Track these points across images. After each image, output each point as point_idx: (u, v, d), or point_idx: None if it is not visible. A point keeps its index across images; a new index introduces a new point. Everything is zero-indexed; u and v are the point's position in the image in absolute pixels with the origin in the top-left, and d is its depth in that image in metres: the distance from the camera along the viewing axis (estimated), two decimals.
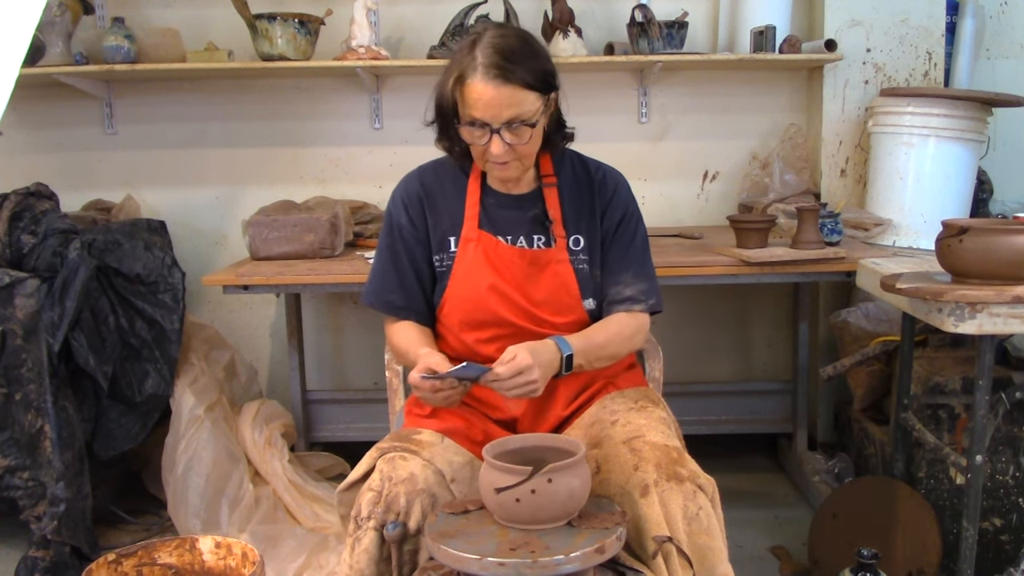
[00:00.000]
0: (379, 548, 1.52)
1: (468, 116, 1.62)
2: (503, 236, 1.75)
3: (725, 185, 3.33)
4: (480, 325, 1.74)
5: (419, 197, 1.78)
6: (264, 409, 2.92)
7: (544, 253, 1.75)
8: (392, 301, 1.79)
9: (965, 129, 2.73)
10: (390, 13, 3.22)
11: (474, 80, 1.59)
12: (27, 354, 2.43)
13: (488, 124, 1.61)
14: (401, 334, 1.77)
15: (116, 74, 3.01)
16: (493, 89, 1.58)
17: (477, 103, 1.59)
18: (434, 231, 1.77)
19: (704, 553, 1.51)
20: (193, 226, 3.31)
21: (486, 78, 1.58)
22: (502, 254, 1.74)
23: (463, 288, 1.74)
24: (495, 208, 1.77)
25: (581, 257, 1.77)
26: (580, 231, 1.77)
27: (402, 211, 1.78)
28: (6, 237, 2.56)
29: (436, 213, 1.78)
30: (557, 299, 1.74)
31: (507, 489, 1.38)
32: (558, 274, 1.74)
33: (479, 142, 1.64)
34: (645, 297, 1.76)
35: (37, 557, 2.42)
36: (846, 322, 2.81)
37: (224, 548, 1.69)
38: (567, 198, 1.78)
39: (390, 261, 1.79)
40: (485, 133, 1.62)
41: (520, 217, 1.76)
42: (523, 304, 1.73)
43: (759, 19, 3.01)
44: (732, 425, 3.30)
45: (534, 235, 1.76)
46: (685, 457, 1.59)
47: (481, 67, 1.58)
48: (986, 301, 1.78)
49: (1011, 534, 2.33)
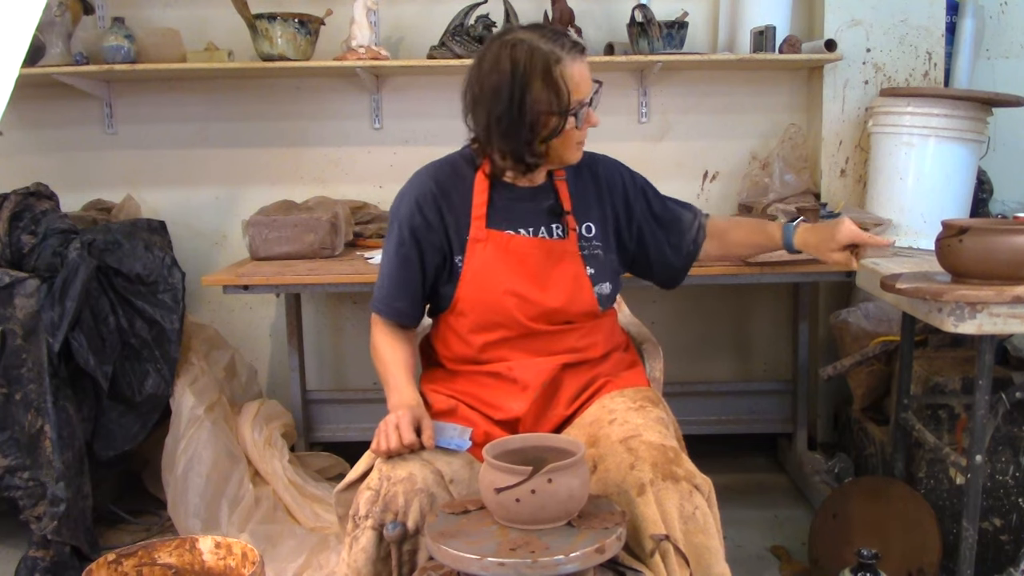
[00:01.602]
0: (377, 547, 1.52)
1: (578, 100, 1.66)
2: (523, 228, 1.76)
3: (725, 185, 3.33)
4: (493, 327, 1.74)
5: (434, 196, 1.76)
6: (264, 409, 2.92)
7: (559, 244, 1.77)
8: (401, 308, 1.79)
9: (965, 129, 2.73)
10: (390, 13, 3.22)
11: (568, 64, 1.63)
12: (27, 354, 2.43)
13: (586, 100, 1.67)
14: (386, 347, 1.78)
15: (116, 74, 3.01)
16: (582, 64, 1.66)
17: (581, 83, 1.65)
18: (453, 230, 1.76)
19: (701, 552, 1.51)
20: (193, 226, 3.31)
21: (574, 56, 1.64)
22: (517, 248, 1.74)
23: (476, 291, 1.74)
24: (511, 202, 1.77)
25: (595, 244, 1.80)
26: (591, 219, 1.82)
27: (416, 212, 1.75)
28: (6, 237, 2.56)
29: (454, 211, 1.76)
30: (570, 290, 1.76)
31: (507, 489, 1.38)
32: (572, 266, 1.77)
33: (592, 120, 1.71)
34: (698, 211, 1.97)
35: (37, 557, 2.42)
36: (846, 322, 2.81)
37: (224, 548, 1.69)
38: (573, 189, 1.82)
39: (400, 266, 1.77)
40: (586, 110, 1.69)
41: (535, 208, 1.78)
42: (539, 301, 1.73)
43: (759, 19, 3.01)
44: (732, 425, 3.29)
45: (552, 224, 1.78)
46: (682, 457, 1.59)
47: (565, 50, 1.63)
48: (986, 301, 1.78)
49: (1011, 534, 2.33)
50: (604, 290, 1.80)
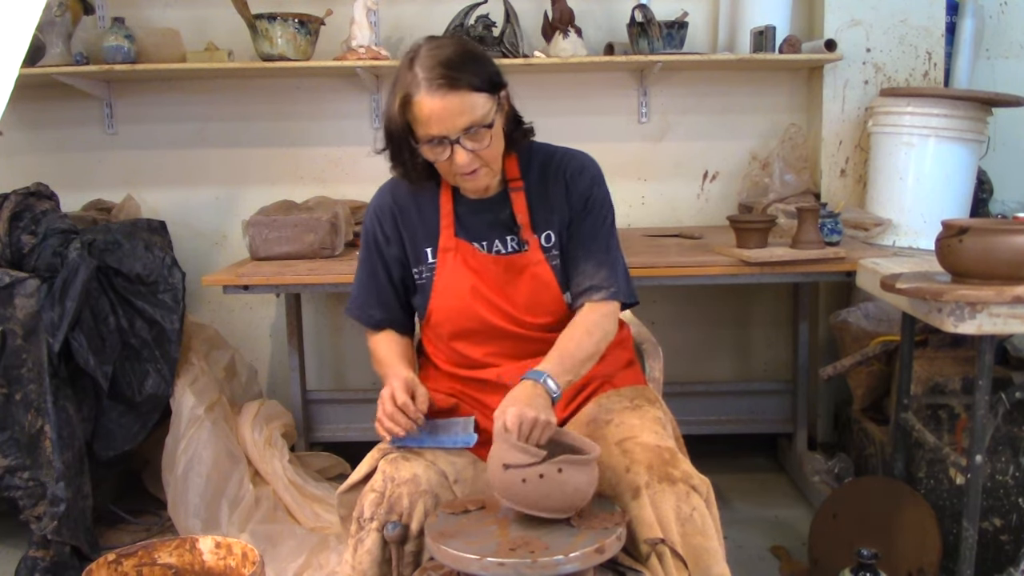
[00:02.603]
0: (381, 549, 1.52)
1: (426, 135, 1.59)
2: (477, 242, 1.74)
3: (725, 185, 3.33)
4: (469, 333, 1.74)
5: (391, 211, 1.78)
6: (264, 409, 2.92)
7: (519, 257, 1.73)
8: (372, 315, 1.82)
9: (965, 129, 2.73)
10: (390, 13, 3.22)
11: (421, 97, 1.56)
12: (27, 354, 2.43)
13: (446, 137, 1.58)
14: (381, 346, 1.80)
15: (116, 74, 3.01)
16: (442, 100, 1.55)
17: (430, 119, 1.56)
18: (410, 243, 1.77)
19: (699, 554, 1.50)
20: (193, 226, 3.31)
21: (431, 91, 1.55)
22: (479, 261, 1.73)
23: (448, 298, 1.73)
24: (467, 215, 1.75)
25: (554, 253, 1.75)
26: (551, 226, 1.75)
27: (376, 226, 1.79)
28: (6, 237, 2.56)
29: (410, 226, 1.77)
30: (537, 300, 1.73)
31: (517, 468, 1.38)
32: (536, 276, 1.73)
33: (442, 157, 1.61)
34: (607, 284, 1.71)
35: (37, 557, 2.42)
36: (846, 322, 2.81)
37: (224, 548, 1.69)
38: (535, 197, 1.75)
39: (369, 276, 1.81)
40: (446, 147, 1.59)
41: (491, 220, 1.75)
42: (505, 308, 1.72)
43: (759, 19, 3.01)
44: (732, 425, 3.29)
45: (507, 237, 1.74)
46: (678, 457, 1.58)
47: (424, 81, 1.55)
48: (986, 301, 1.78)
49: (1011, 534, 2.33)
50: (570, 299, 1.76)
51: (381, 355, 1.79)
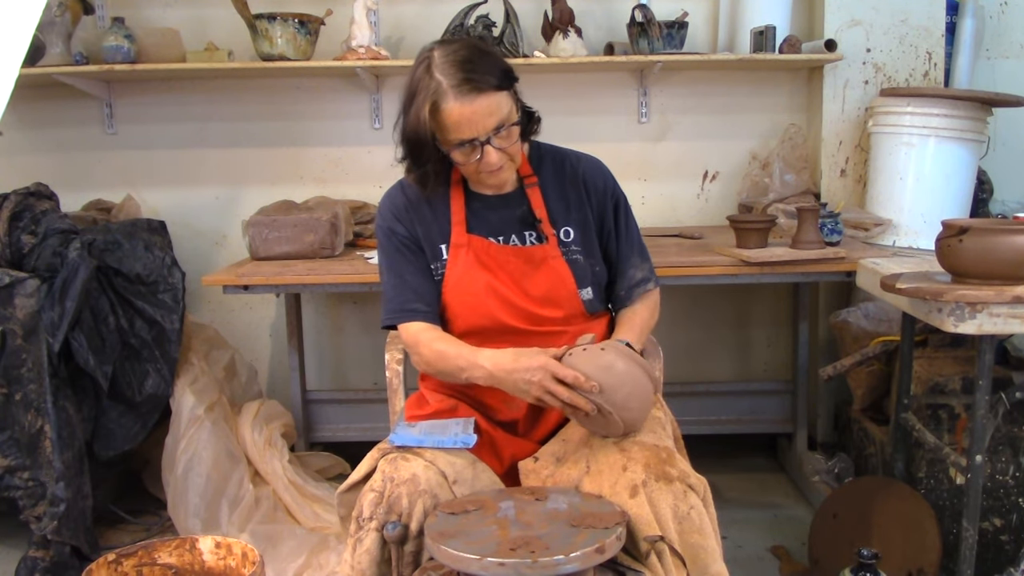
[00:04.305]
0: (381, 549, 1.52)
1: (456, 139, 1.62)
2: (495, 237, 1.76)
3: (725, 185, 3.33)
4: (480, 331, 1.74)
5: (406, 207, 1.79)
6: (264, 409, 2.92)
7: (539, 249, 1.76)
8: (416, 309, 1.75)
9: (965, 129, 2.73)
10: (390, 13, 3.22)
11: (450, 104, 1.59)
12: (27, 354, 2.43)
13: (476, 138, 1.62)
14: (440, 343, 1.70)
15: (116, 74, 3.01)
16: (471, 104, 1.59)
17: (461, 124, 1.60)
18: (425, 240, 1.77)
19: (697, 552, 1.51)
20: (193, 226, 3.31)
21: (460, 96, 1.58)
22: (496, 255, 1.74)
23: (461, 295, 1.74)
24: (483, 210, 1.78)
25: (574, 248, 1.78)
26: (569, 223, 1.79)
27: (395, 222, 1.78)
28: (6, 237, 2.56)
29: (424, 223, 1.78)
30: (555, 293, 1.75)
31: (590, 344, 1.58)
32: (554, 269, 1.75)
33: (473, 159, 1.65)
34: (652, 275, 1.87)
35: (37, 557, 2.42)
36: (846, 322, 2.81)
37: (224, 548, 1.69)
38: (551, 193, 1.79)
39: (399, 275, 1.77)
40: (477, 149, 1.63)
41: (509, 216, 1.77)
42: (521, 303, 1.73)
43: (759, 19, 3.01)
44: (732, 425, 3.29)
45: (525, 232, 1.77)
46: (675, 457, 1.58)
47: (452, 89, 1.58)
48: (986, 301, 1.78)
49: (1011, 534, 2.33)
50: (587, 295, 1.78)
51: (450, 350, 1.68)
